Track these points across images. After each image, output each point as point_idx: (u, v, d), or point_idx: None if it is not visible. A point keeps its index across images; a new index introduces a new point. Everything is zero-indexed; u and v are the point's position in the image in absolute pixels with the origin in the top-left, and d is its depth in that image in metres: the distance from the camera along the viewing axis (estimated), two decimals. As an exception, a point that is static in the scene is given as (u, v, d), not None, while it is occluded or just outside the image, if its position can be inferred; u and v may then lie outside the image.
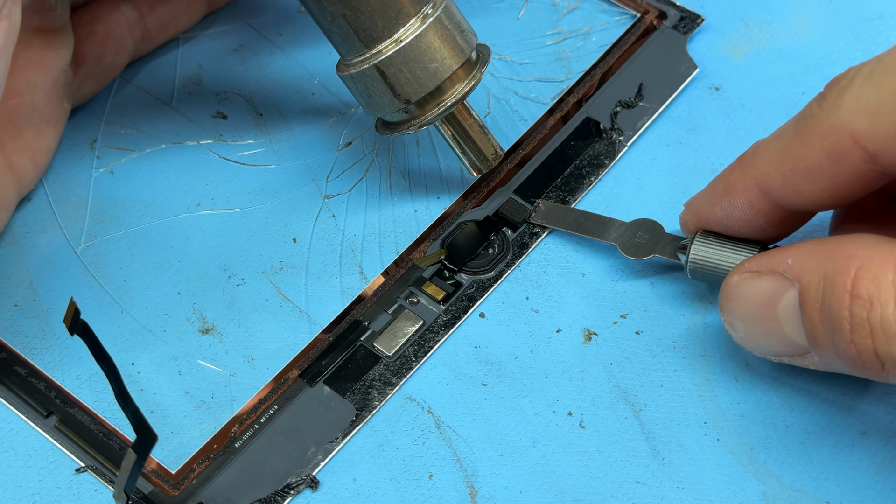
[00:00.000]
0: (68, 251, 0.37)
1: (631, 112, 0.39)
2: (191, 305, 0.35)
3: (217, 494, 0.32)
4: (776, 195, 0.30)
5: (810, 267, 0.28)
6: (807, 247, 0.29)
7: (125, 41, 0.39)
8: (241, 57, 0.41)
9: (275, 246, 0.37)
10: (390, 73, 0.33)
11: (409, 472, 0.32)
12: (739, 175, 0.31)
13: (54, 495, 0.32)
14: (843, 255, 0.28)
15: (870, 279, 0.27)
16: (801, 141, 0.29)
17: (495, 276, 0.36)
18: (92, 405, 0.33)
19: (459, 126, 0.35)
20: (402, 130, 0.34)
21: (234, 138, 0.39)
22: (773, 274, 0.29)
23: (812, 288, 0.28)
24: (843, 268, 0.27)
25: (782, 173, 0.29)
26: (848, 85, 0.28)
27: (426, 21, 0.33)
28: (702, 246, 0.32)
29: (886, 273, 0.27)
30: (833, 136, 0.28)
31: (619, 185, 0.37)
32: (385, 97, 0.33)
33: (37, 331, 0.35)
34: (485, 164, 0.36)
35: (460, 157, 0.36)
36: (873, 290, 0.27)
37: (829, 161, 0.28)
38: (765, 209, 0.31)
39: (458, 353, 0.34)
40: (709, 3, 0.41)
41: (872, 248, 0.27)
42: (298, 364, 0.34)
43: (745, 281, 0.30)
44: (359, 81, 0.33)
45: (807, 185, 0.29)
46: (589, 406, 0.33)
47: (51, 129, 0.37)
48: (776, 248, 0.30)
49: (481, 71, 0.34)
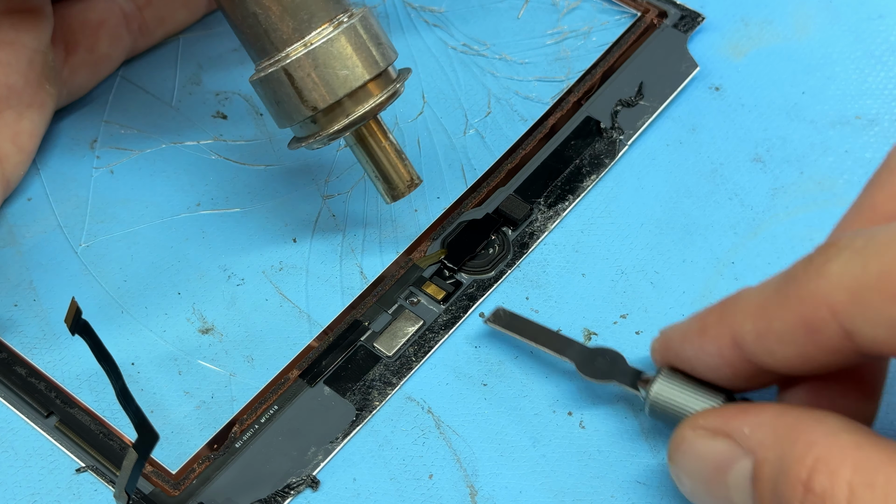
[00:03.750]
0: (68, 251, 0.37)
1: (631, 111, 0.39)
2: (191, 305, 0.35)
3: (217, 494, 0.32)
4: (748, 350, 0.28)
5: (768, 442, 0.27)
6: (767, 415, 0.27)
7: (121, 32, 0.39)
8: (241, 57, 0.41)
9: (275, 246, 0.37)
10: (298, 77, 0.32)
11: (409, 472, 0.32)
12: (716, 320, 0.29)
13: (54, 495, 0.32)
14: (804, 439, 0.26)
15: (826, 475, 0.25)
16: (780, 302, 0.27)
17: (495, 276, 0.36)
18: (92, 405, 0.33)
19: (372, 146, 0.34)
20: (310, 143, 0.33)
21: (234, 138, 0.39)
22: (729, 438, 0.28)
23: (767, 466, 0.27)
24: (801, 456, 0.26)
25: (757, 330, 0.27)
26: (836, 255, 0.26)
27: (339, 27, 0.32)
28: (665, 385, 0.30)
29: (843, 471, 0.25)
30: (812, 305, 0.26)
31: (619, 185, 0.37)
32: (292, 103, 0.32)
33: (37, 331, 0.35)
34: (398, 191, 0.34)
35: (374, 182, 0.35)
36: (828, 488, 0.25)
37: (804, 329, 0.26)
38: (735, 362, 0.28)
39: (458, 353, 0.34)
40: (709, 3, 0.41)
41: (833, 438, 0.26)
42: (298, 364, 0.34)
43: (698, 438, 0.28)
44: (266, 86, 0.33)
45: (779, 348, 0.27)
46: (589, 406, 0.33)
47: (34, 112, 0.37)
48: (736, 407, 0.28)
49: (397, 87, 0.33)
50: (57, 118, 0.39)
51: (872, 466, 0.25)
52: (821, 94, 0.39)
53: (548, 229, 0.36)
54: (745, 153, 0.38)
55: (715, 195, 0.37)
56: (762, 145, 0.38)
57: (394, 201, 0.35)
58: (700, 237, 0.36)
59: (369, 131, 0.34)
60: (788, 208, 0.37)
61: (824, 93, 0.39)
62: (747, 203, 0.37)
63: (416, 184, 0.35)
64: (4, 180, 0.36)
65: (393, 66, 0.34)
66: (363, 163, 0.34)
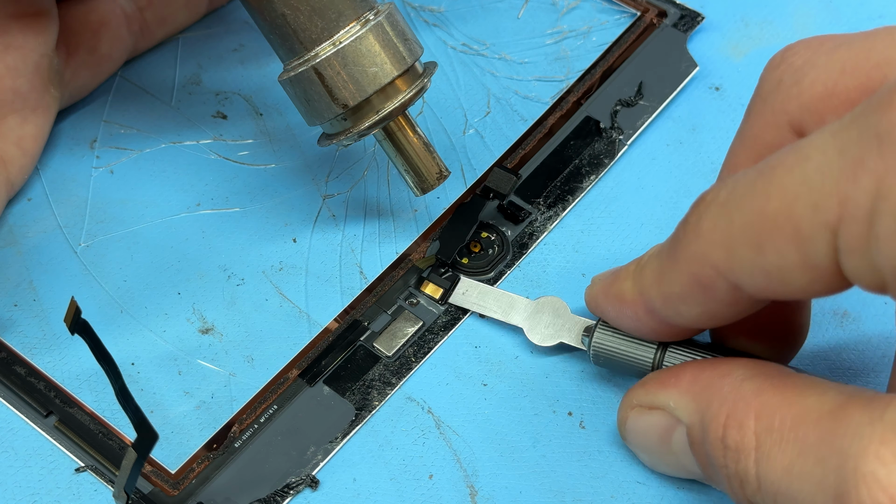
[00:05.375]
0: (68, 251, 0.37)
1: (631, 111, 0.39)
2: (191, 305, 0.35)
3: (217, 494, 0.32)
4: (660, 315, 0.29)
5: (690, 408, 0.28)
6: (685, 381, 0.28)
7: (121, 32, 0.39)
8: (241, 57, 0.41)
9: (275, 246, 0.37)
10: (328, 76, 0.32)
11: (409, 472, 0.32)
12: (630, 287, 0.29)
13: (54, 495, 0.32)
14: (716, 398, 0.27)
15: (735, 429, 0.26)
16: (672, 266, 0.27)
17: (495, 276, 0.36)
18: (92, 405, 0.33)
19: (401, 141, 0.34)
20: (341, 140, 0.34)
21: (234, 138, 0.39)
22: (661, 410, 0.29)
23: (694, 431, 0.28)
24: (715, 415, 0.27)
25: (662, 296, 0.28)
26: (706, 211, 0.26)
27: (367, 25, 0.32)
28: (604, 335, 0.31)
29: (748, 421, 0.26)
30: (697, 265, 0.26)
31: (619, 185, 0.37)
32: (323, 101, 0.33)
33: (37, 331, 0.35)
34: (427, 183, 0.35)
35: (403, 176, 0.35)
36: (739, 441, 0.26)
37: (698, 289, 0.27)
38: (653, 324, 0.29)
39: (458, 353, 0.34)
40: (709, 2, 0.41)
41: (738, 391, 0.26)
42: (298, 364, 0.34)
43: (637, 416, 0.30)
44: (297, 85, 0.33)
45: (685, 309, 0.28)
46: (589, 406, 0.33)
47: (38, 115, 0.37)
48: (658, 379, 0.29)
49: (425, 82, 0.34)
50: (57, 118, 0.39)
51: (770, 411, 0.25)
52: (821, 94, 0.39)
53: (547, 229, 0.36)
54: (745, 153, 0.38)
55: (715, 195, 0.37)
56: (762, 145, 0.38)
57: (423, 194, 0.35)
58: (700, 237, 0.36)
59: (398, 126, 0.34)
60: (788, 208, 0.37)
61: (824, 93, 0.39)
62: (747, 203, 0.37)
63: (444, 176, 0.35)
64: (9, 184, 0.37)
65: (419, 61, 0.34)
66: (392, 157, 0.35)
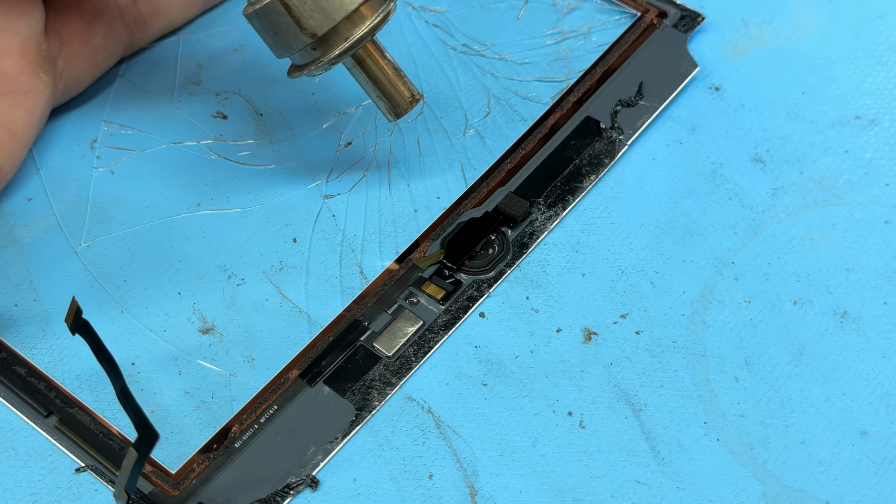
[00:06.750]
0: (68, 251, 0.37)
1: (631, 111, 0.39)
2: (191, 305, 0.35)
3: (217, 494, 0.32)
4: None
5: None
6: None
7: (115, 24, 0.39)
8: (241, 57, 0.41)
9: (275, 246, 0.37)
10: (294, 6, 0.33)
11: (409, 472, 0.32)
12: None
13: (54, 495, 0.32)
14: None
15: None
16: None
17: (495, 276, 0.36)
18: (92, 405, 0.33)
19: (371, 67, 0.35)
20: (311, 70, 0.34)
21: (234, 138, 0.39)
22: None
23: None
24: None
25: None
26: None
27: None
28: None
29: None
30: None
31: (618, 185, 0.37)
32: (291, 32, 0.33)
33: (37, 331, 0.35)
34: (400, 108, 0.36)
35: (376, 102, 0.36)
36: None
37: None
38: None
39: (458, 353, 0.34)
40: (709, 3, 0.41)
41: None
42: (298, 364, 0.34)
43: None
44: (263, 18, 0.33)
45: None
46: (589, 406, 0.33)
47: (29, 100, 0.37)
48: None
49: (390, 7, 0.34)
50: (57, 117, 0.39)
51: None
52: (821, 95, 0.39)
53: (547, 229, 0.36)
54: (745, 153, 0.38)
55: (715, 195, 0.37)
56: (762, 145, 0.38)
57: (397, 119, 0.36)
58: (700, 237, 0.36)
59: (367, 53, 0.35)
60: (788, 208, 0.37)
61: (824, 93, 0.39)
62: (747, 203, 0.37)
63: (416, 99, 0.36)
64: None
65: None
66: (363, 84, 0.35)
